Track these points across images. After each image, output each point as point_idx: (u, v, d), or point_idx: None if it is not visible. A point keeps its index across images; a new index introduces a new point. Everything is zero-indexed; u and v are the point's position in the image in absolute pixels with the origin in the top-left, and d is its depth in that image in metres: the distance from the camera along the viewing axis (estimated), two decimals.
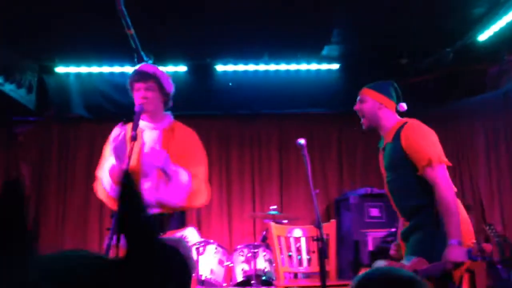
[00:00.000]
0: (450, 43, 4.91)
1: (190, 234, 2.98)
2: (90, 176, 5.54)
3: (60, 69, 5.32)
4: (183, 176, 2.74)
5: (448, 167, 2.66)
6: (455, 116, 5.50)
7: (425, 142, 2.65)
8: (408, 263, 2.55)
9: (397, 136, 2.73)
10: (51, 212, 5.47)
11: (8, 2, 4.00)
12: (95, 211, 5.47)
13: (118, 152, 2.61)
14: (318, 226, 2.53)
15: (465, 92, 5.30)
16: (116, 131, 2.85)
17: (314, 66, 5.41)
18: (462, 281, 2.66)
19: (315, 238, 2.55)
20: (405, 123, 2.76)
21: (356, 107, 2.91)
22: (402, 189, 2.75)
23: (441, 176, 2.58)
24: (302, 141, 2.95)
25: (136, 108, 2.75)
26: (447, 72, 5.21)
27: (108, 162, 2.81)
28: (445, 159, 2.66)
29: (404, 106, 2.92)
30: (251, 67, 5.36)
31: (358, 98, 2.92)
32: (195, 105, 5.36)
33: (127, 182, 0.53)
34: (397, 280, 1.15)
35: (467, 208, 4.95)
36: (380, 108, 2.84)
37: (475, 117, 5.32)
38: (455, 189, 2.67)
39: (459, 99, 5.37)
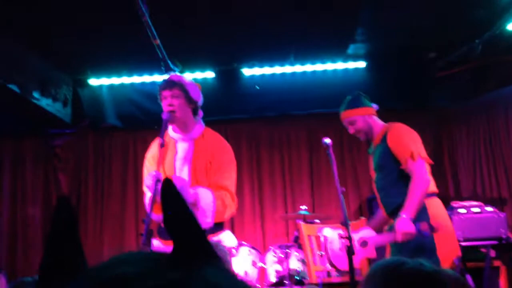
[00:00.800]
0: (479, 35, 4.82)
1: (227, 238, 3.03)
2: (125, 183, 5.78)
3: (93, 81, 5.49)
4: (207, 198, 2.78)
5: (482, 159, 2.84)
6: (488, 108, 5.38)
7: (408, 139, 2.91)
8: (357, 235, 2.80)
9: (384, 137, 2.98)
10: (90, 220, 5.64)
11: (42, 20, 4.17)
12: (131, 218, 5.61)
13: (155, 196, 2.55)
14: (345, 224, 2.55)
15: (498, 83, 5.18)
16: (154, 149, 2.99)
17: (340, 65, 5.39)
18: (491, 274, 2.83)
19: (342, 236, 2.57)
20: (391, 126, 3.05)
21: (351, 131, 3.13)
22: (388, 187, 2.96)
23: (419, 169, 2.78)
24: (327, 140, 2.97)
25: (164, 116, 2.85)
26: (477, 64, 5.10)
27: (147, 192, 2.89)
28: (427, 156, 2.88)
29: (376, 106, 3.18)
30: (277, 69, 5.40)
31: (345, 123, 3.15)
32: (225, 110, 5.44)
33: (169, 187, 0.50)
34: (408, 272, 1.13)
35: (498, 202, 4.87)
36: (370, 118, 3.10)
37: (509, 108, 5.20)
38: (436, 190, 2.91)
39: (492, 91, 5.26)
